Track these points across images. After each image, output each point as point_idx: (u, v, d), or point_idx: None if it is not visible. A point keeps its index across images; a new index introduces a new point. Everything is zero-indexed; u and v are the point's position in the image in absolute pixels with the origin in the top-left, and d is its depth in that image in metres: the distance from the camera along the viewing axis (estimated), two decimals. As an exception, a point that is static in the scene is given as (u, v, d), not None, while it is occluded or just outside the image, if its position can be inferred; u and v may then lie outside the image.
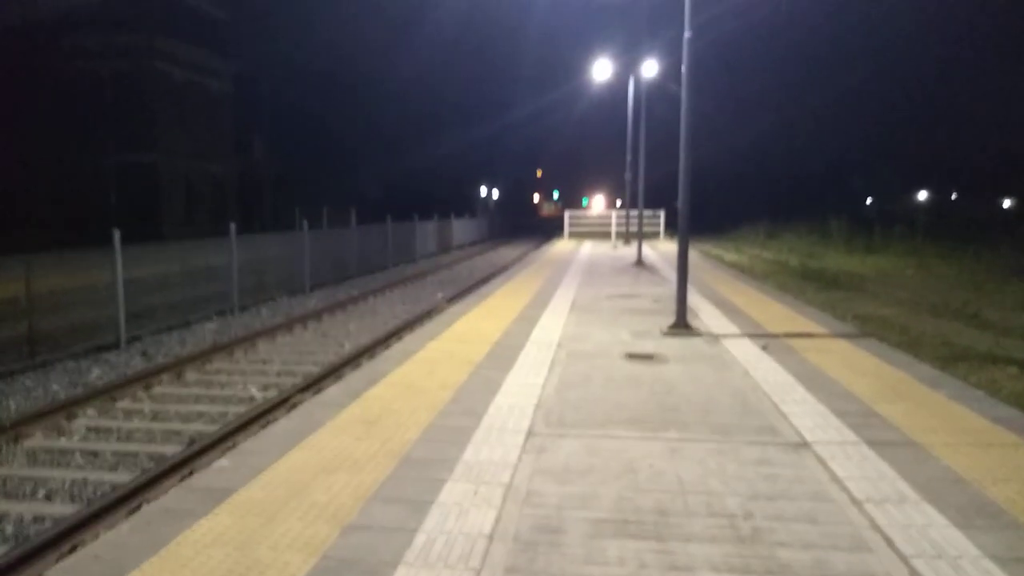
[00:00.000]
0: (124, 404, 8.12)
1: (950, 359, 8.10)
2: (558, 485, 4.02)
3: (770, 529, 3.49)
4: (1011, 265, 17.47)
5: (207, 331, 12.65)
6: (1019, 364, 7.84)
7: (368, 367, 6.98)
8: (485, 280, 19.30)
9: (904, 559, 3.20)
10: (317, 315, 14.01)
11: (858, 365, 6.84)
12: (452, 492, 3.88)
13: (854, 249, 24.58)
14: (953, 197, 55.66)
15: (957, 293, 13.52)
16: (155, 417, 7.75)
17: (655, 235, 30.94)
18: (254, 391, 8.69)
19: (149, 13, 32.68)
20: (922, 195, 57.87)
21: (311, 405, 5.59)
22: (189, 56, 35.43)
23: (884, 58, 77.91)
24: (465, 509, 3.67)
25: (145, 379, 8.85)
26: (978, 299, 12.69)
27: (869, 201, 51.67)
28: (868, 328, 9.67)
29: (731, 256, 23.93)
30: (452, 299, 16.03)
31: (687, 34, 8.56)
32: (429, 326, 9.17)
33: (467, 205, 59.55)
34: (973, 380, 6.90)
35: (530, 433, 4.88)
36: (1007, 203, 51.77)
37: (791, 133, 63.73)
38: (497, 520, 3.56)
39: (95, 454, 6.59)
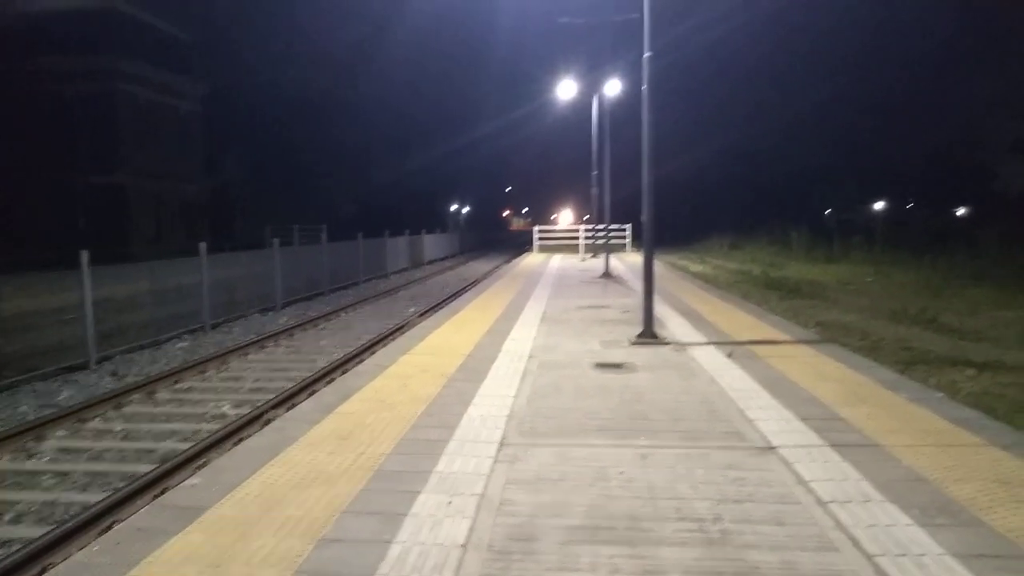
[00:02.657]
0: (94, 424, 8.01)
1: (910, 362, 8.28)
2: (531, 494, 4.07)
3: (739, 532, 3.56)
4: (966, 271, 17.90)
5: (178, 350, 12.52)
6: (977, 366, 8.05)
7: (341, 382, 6.98)
8: (457, 294, 19.31)
9: (869, 558, 3.28)
10: (289, 332, 13.92)
11: (821, 370, 6.99)
12: (426, 503, 3.90)
13: (815, 258, 25.01)
14: (909, 207, 56.75)
15: (915, 299, 13.81)
16: (126, 436, 7.65)
17: (622, 248, 31.18)
18: (226, 408, 8.62)
19: (114, 36, 32.53)
20: (879, 205, 58.95)
21: (284, 421, 5.57)
22: (156, 78, 35.29)
23: (842, 74, 79.67)
24: (439, 520, 3.70)
25: (115, 399, 8.73)
26: (936, 304, 12.98)
27: (828, 211, 52.58)
28: (830, 334, 9.87)
29: (696, 267, 24.20)
30: (424, 313, 16.01)
31: (647, 53, 8.77)
32: (401, 340, 9.18)
33: (438, 221, 59.53)
34: (932, 382, 7.08)
35: (503, 443, 4.93)
36: (960, 211, 53.05)
37: (752, 147, 64.71)
38: (471, 530, 3.59)
39: (65, 475, 6.49)
